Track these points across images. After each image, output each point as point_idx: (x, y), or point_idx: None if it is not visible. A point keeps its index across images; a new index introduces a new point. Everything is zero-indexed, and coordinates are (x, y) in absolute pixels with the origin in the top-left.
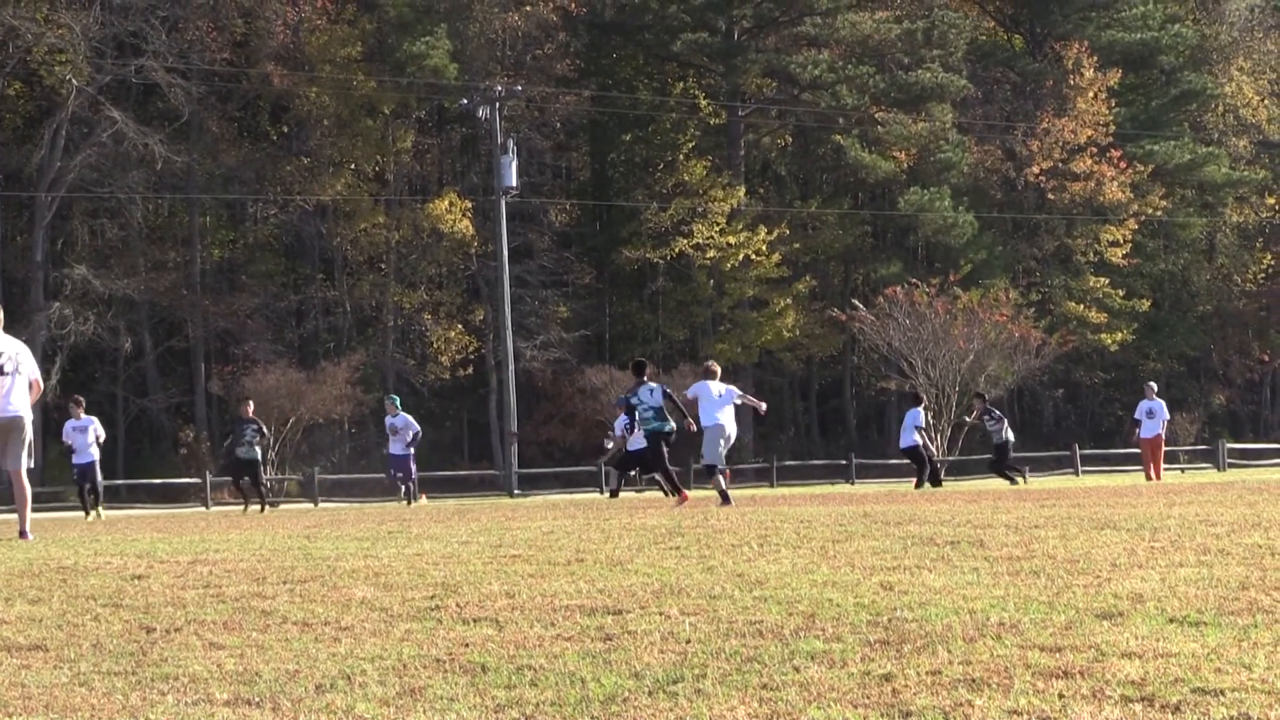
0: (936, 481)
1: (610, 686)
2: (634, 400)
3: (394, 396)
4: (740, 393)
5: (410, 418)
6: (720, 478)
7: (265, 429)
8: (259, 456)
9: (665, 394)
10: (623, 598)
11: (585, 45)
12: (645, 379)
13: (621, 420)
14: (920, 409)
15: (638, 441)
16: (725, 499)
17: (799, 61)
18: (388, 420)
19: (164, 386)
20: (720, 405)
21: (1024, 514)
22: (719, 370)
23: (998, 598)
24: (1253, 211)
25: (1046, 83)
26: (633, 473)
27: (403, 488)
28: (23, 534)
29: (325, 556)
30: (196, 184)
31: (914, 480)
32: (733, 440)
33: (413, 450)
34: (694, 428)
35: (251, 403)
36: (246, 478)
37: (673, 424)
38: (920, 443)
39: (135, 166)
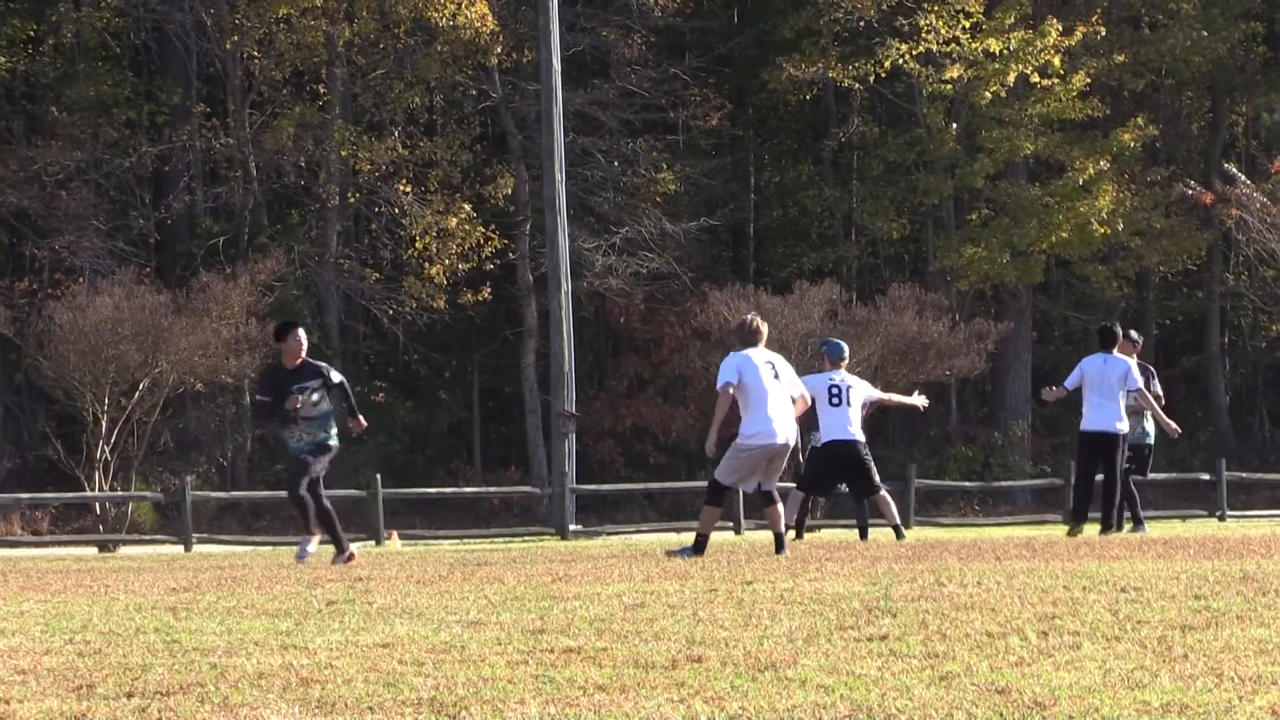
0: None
1: None
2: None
3: None
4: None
5: None
6: (711, 510)
7: None
8: None
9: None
10: None
11: None
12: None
13: (818, 382)
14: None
15: (832, 431)
16: (698, 547)
17: None
18: None
19: None
20: (775, 399)
21: None
22: (765, 331)
23: None
24: None
25: None
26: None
27: None
28: None
29: (207, 647)
30: None
31: None
32: (785, 456)
33: None
34: (363, 425)
35: None
36: None
37: (332, 434)
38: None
39: None
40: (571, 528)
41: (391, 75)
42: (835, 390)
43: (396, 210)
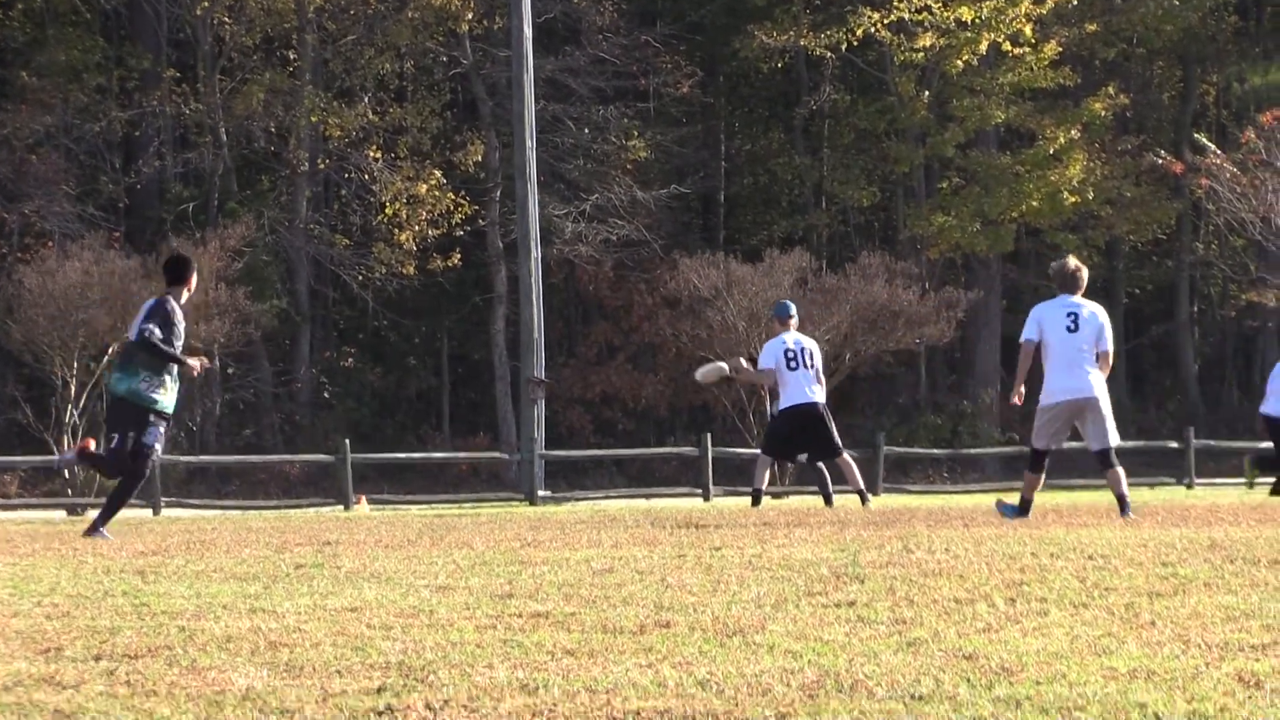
0: None
1: None
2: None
3: None
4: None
5: None
6: (1031, 476)
7: None
8: None
9: (158, 307)
10: (746, 699)
11: None
12: (180, 290)
13: (773, 351)
14: None
15: (794, 395)
16: (1023, 509)
17: None
18: None
19: None
20: (1066, 351)
21: None
22: (1084, 279)
23: None
24: None
25: None
26: (799, 457)
27: None
28: None
29: (176, 610)
30: None
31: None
32: (1089, 409)
33: None
34: (201, 368)
35: None
36: None
37: (157, 398)
38: None
39: None
40: (540, 494)
41: (362, 41)
42: (791, 354)
43: (366, 176)
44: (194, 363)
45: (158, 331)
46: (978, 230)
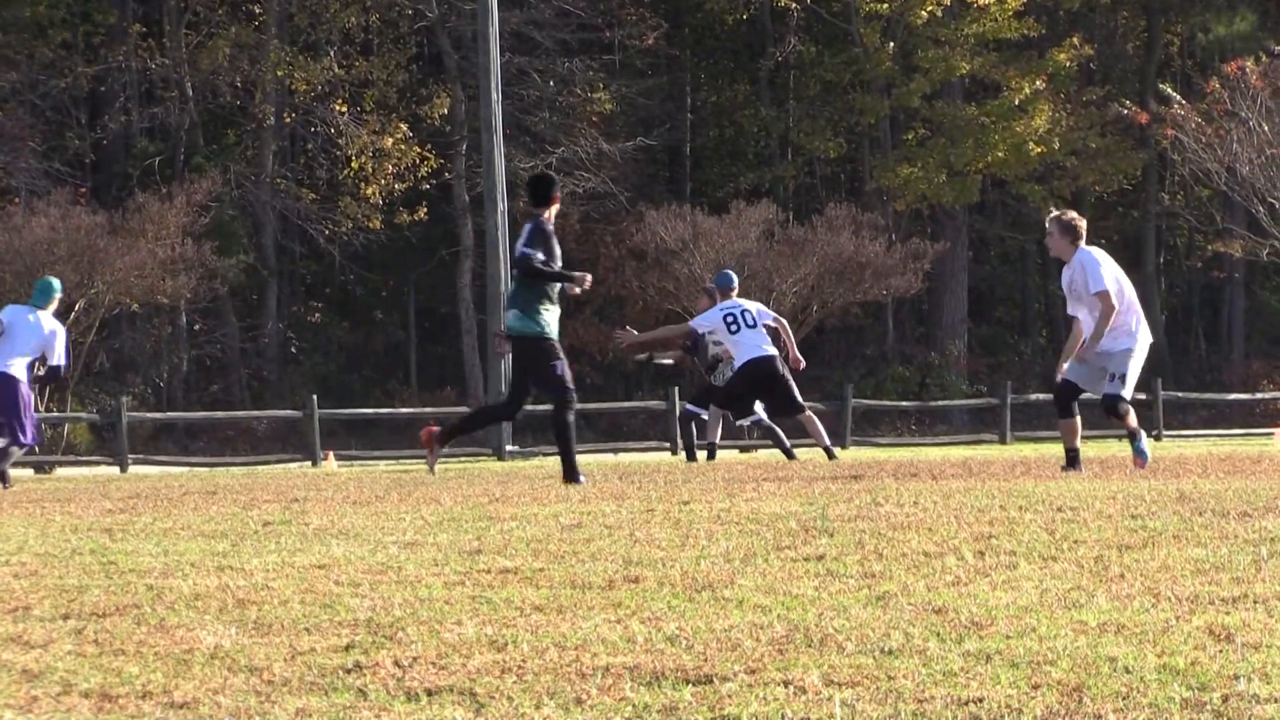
0: None
1: None
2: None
3: None
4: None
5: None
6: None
7: None
8: None
9: (537, 231)
10: (715, 654)
11: None
12: (546, 209)
13: (711, 317)
14: None
15: (747, 352)
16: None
17: None
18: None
19: None
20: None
21: None
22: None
23: None
24: None
25: None
26: (750, 418)
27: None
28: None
29: (144, 568)
30: None
31: None
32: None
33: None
34: (581, 288)
35: None
36: None
37: (546, 323)
38: None
39: None
40: (508, 448)
41: None
42: (732, 317)
43: (332, 130)
44: (580, 277)
45: (539, 255)
46: (944, 181)
